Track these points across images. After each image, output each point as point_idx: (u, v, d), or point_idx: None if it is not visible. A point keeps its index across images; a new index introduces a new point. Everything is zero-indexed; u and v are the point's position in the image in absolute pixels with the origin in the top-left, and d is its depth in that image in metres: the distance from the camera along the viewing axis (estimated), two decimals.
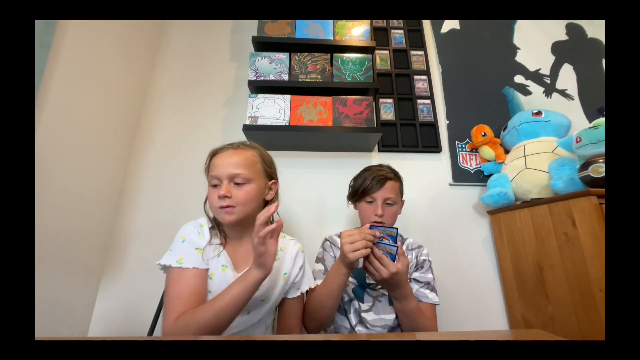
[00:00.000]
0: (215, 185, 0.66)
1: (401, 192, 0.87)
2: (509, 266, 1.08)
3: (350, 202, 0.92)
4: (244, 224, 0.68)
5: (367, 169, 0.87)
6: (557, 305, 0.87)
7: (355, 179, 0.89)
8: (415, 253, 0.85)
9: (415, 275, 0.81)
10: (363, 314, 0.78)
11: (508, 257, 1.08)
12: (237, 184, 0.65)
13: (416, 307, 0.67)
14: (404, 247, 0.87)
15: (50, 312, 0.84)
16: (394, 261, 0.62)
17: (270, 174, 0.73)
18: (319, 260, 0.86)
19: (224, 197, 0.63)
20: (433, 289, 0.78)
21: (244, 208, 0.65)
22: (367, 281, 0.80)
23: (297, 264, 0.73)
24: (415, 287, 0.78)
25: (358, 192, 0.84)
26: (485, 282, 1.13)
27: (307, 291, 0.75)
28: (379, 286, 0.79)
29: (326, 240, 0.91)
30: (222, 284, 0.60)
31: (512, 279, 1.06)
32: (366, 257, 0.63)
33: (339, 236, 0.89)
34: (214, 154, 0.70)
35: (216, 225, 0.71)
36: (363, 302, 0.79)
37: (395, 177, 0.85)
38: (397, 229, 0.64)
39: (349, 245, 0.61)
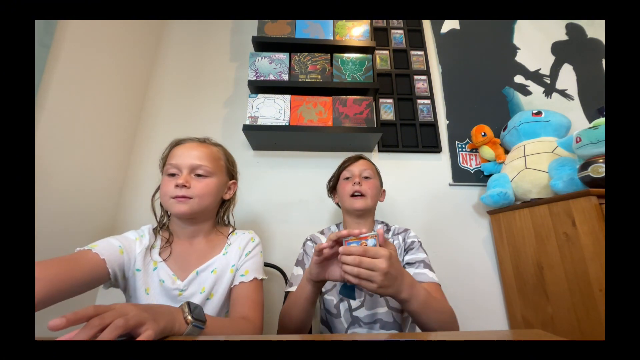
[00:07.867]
0: (172, 175, 0.61)
1: (380, 182, 0.86)
2: (509, 266, 1.08)
3: (331, 195, 0.92)
4: (197, 220, 0.64)
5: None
6: (557, 305, 0.87)
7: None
8: (402, 237, 0.79)
9: (407, 258, 0.73)
10: (355, 313, 0.72)
11: (508, 257, 1.08)
12: (198, 175, 0.62)
13: (427, 293, 0.54)
14: (389, 234, 0.80)
15: (50, 312, 0.84)
16: None
17: (232, 173, 0.72)
18: (299, 263, 0.77)
19: (182, 186, 0.59)
20: (430, 268, 0.69)
21: (201, 201, 0.61)
22: None
23: (245, 251, 0.67)
24: (410, 271, 0.68)
25: (335, 176, 0.87)
26: (485, 282, 1.13)
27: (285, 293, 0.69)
28: None
29: (307, 240, 0.81)
30: (159, 298, 0.58)
31: (512, 279, 1.06)
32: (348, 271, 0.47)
33: (322, 233, 0.87)
34: (176, 143, 0.66)
35: (162, 223, 0.67)
36: (354, 299, 0.70)
37: (372, 164, 0.86)
38: (377, 234, 0.49)
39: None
